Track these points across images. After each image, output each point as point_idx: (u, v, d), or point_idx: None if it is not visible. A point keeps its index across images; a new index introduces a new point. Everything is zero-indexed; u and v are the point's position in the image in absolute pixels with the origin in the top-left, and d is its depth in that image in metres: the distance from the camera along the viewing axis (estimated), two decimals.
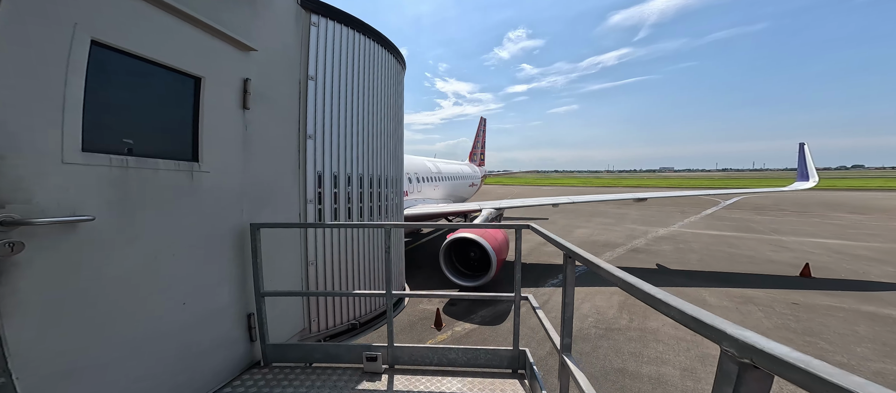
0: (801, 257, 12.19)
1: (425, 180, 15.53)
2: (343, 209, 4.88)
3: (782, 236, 16.02)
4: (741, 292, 8.88)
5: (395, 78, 6.26)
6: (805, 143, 12.06)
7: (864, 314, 7.30)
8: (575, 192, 48.51)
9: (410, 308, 8.60)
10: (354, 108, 5.01)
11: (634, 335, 6.77)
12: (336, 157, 4.70)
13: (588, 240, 16.21)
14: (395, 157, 6.40)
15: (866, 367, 5.31)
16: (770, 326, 6.91)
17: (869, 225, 18.75)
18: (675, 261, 12.24)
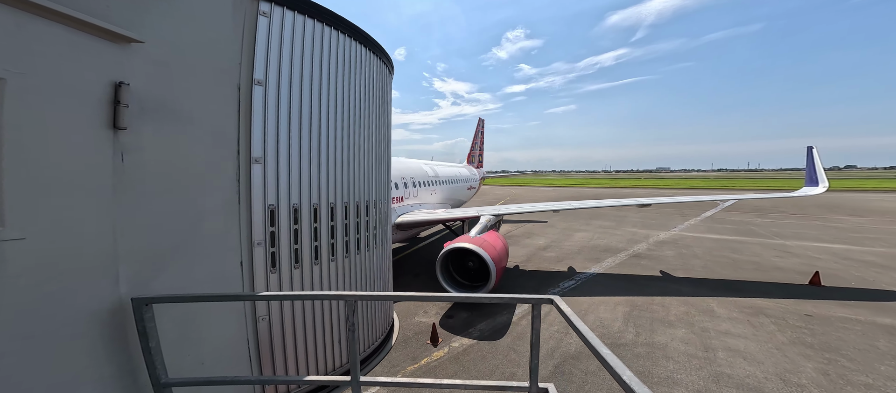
0: (808, 263, 11.84)
1: (421, 185, 15.08)
2: (307, 249, 3.83)
3: (785, 241, 15.70)
4: (750, 302, 8.50)
5: (380, 83, 5.36)
6: (813, 147, 11.62)
7: (882, 328, 6.93)
8: (573, 193, 48.26)
9: (405, 320, 8.14)
10: (324, 122, 3.98)
11: (642, 351, 6.35)
12: (297, 184, 3.71)
13: (588, 244, 15.82)
14: (379, 176, 5.51)
15: (892, 387, 4.92)
16: (784, 340, 6.51)
17: (870, 228, 18.50)
18: (680, 267, 11.86)
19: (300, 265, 3.85)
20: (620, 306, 8.55)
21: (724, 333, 6.93)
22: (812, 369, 5.50)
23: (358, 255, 4.72)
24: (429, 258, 13.73)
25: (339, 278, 4.36)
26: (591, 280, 10.81)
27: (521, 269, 12.36)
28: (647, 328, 7.27)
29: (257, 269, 3.37)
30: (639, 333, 7.05)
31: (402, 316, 8.39)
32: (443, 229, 18.88)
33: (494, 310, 8.53)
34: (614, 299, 9.04)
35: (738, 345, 6.40)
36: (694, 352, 6.22)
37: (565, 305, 2.35)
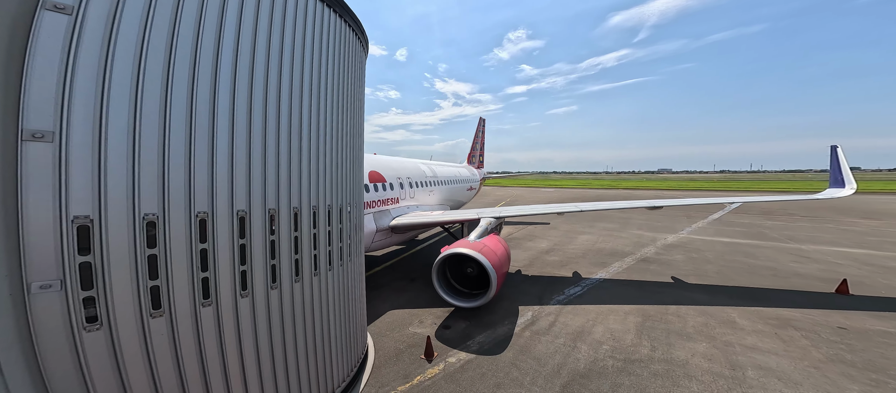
0: (830, 270, 11.01)
1: (419, 185, 14.36)
2: (186, 287, 2.65)
3: (801, 245, 14.84)
4: (775, 313, 7.72)
5: (349, 56, 4.30)
6: (838, 147, 10.71)
7: None
8: (575, 194, 47.29)
9: (397, 331, 7.46)
10: (244, 88, 2.95)
11: (660, 369, 5.62)
12: (171, 179, 2.50)
13: (593, 248, 15.06)
14: (347, 174, 4.37)
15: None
16: (820, 357, 5.75)
17: (887, 232, 17.56)
18: (692, 273, 11.07)
19: (170, 311, 2.57)
20: (631, 316, 7.81)
21: (751, 348, 6.17)
22: (858, 391, 4.75)
23: (298, 282, 3.43)
24: (426, 262, 13.05)
25: (275, 316, 3.14)
26: (597, 286, 10.07)
27: (523, 274, 11.64)
28: (664, 342, 6.54)
29: (48, 331, 2.06)
30: (654, 348, 6.32)
31: (395, 327, 7.71)
32: (442, 231, 18.18)
33: (495, 320, 7.83)
34: (624, 308, 8.31)
35: (769, 362, 5.65)
36: (719, 370, 5.48)
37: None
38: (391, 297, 9.57)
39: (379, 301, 9.22)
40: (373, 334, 7.33)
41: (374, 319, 8.07)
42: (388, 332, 7.44)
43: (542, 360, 6.11)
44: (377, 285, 10.66)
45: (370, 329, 7.59)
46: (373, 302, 9.18)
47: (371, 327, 7.68)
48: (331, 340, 4.14)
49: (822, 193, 10.51)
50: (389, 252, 15.21)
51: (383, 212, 10.99)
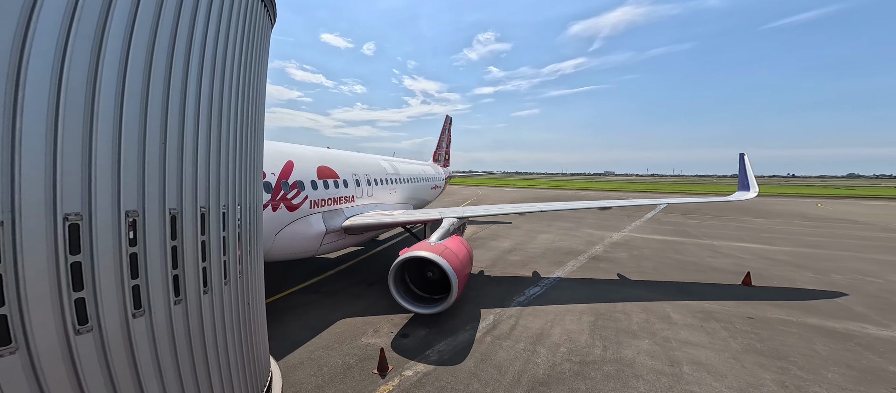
0: (737, 263, 12.68)
1: (379, 182, 13.32)
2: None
3: (714, 241, 17.05)
4: (700, 306, 8.53)
5: (245, 21, 3.72)
6: (745, 154, 12.33)
7: (814, 329, 7.20)
8: (535, 194, 49.64)
9: (348, 343, 6.74)
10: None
11: (611, 370, 5.75)
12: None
13: (551, 246, 15.64)
14: (239, 166, 3.78)
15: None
16: (738, 348, 6.39)
17: (774, 229, 21.10)
18: (634, 270, 11.96)
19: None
20: (585, 316, 8.05)
21: (685, 342, 6.66)
22: (771, 381, 5.29)
23: (179, 303, 2.85)
24: (387, 264, 12.31)
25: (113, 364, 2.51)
26: (555, 286, 10.33)
27: (486, 275, 11.54)
28: (614, 341, 6.77)
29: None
30: (606, 348, 6.50)
31: (345, 338, 6.97)
32: (404, 231, 17.44)
33: (456, 326, 7.50)
34: (579, 308, 8.56)
35: (700, 356, 6.11)
36: (661, 368, 5.77)
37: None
38: (345, 303, 8.77)
39: (330, 309, 8.40)
40: (319, 347, 6.57)
41: (321, 330, 7.26)
42: (337, 344, 6.69)
43: (502, 368, 5.91)
44: (330, 291, 9.73)
45: (316, 341, 6.82)
46: (323, 310, 8.34)
47: (318, 339, 6.89)
48: (220, 373, 3.45)
49: (732, 196, 11.85)
50: (346, 253, 14.13)
51: (335, 211, 9.96)
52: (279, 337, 6.98)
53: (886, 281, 10.45)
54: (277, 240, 8.16)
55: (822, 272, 11.47)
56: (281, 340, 6.85)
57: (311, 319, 7.86)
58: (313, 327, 7.42)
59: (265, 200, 7.67)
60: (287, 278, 10.93)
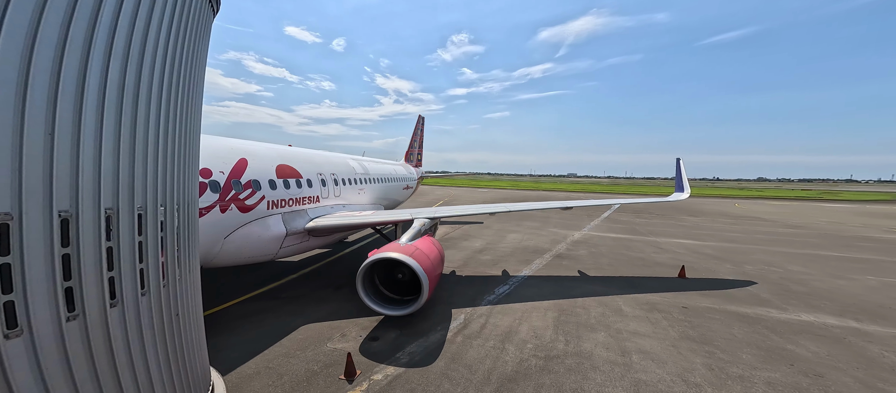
0: (674, 258, 14.38)
1: (347, 182, 12.74)
2: None
3: (657, 238, 19.15)
4: (646, 299, 9.53)
5: (191, 15, 3.52)
6: (681, 159, 14.09)
7: (732, 315, 8.43)
8: (506, 195, 51.37)
9: (312, 350, 6.43)
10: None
11: (572, 363, 6.17)
12: None
13: (520, 245, 16.32)
14: (182, 166, 3.59)
15: (756, 376, 5.72)
16: (676, 336, 7.24)
17: (703, 226, 24.30)
18: (593, 266, 12.96)
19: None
20: (550, 312, 8.53)
21: (634, 333, 7.38)
22: (700, 364, 6.08)
23: (79, 319, 2.56)
24: (355, 266, 11.90)
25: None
26: (523, 283, 10.81)
27: (458, 274, 11.70)
28: (575, 335, 7.27)
29: None
30: (568, 342, 6.96)
31: (309, 344, 6.65)
32: (374, 233, 16.97)
33: (428, 327, 7.51)
34: (544, 305, 9.05)
35: (646, 345, 6.81)
36: (614, 358, 6.33)
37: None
38: (308, 309, 8.35)
39: (291, 315, 7.96)
40: (278, 356, 6.19)
41: (281, 337, 6.84)
42: (299, 351, 6.36)
43: (473, 367, 6.04)
44: (291, 297, 9.20)
45: (275, 349, 6.42)
46: (283, 316, 7.87)
47: (277, 347, 6.49)
48: (152, 382, 3.26)
49: (670, 197, 13.44)
50: (311, 256, 13.41)
51: (297, 212, 9.40)
52: (229, 347, 6.43)
53: (786, 270, 12.58)
54: (228, 243, 7.46)
55: (738, 264, 13.47)
56: (231, 349, 6.32)
57: (268, 327, 7.34)
58: (271, 335, 6.95)
59: (212, 201, 6.98)
60: (240, 284, 10.05)
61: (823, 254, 15.49)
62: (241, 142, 9.34)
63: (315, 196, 10.45)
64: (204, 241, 6.87)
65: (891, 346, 6.81)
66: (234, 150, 8.34)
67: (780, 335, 7.30)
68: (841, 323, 7.96)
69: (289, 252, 9.36)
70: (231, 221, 7.50)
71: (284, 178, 9.32)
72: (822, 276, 11.91)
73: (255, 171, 8.33)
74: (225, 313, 8.17)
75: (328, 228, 9.74)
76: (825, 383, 5.47)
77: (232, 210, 7.49)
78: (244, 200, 7.83)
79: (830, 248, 16.95)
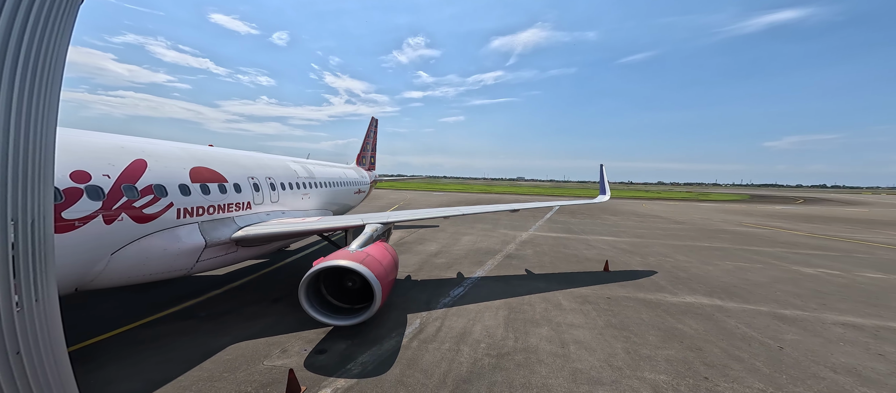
0: (600, 253, 16.58)
1: (287, 187, 11.51)
2: None
3: (587, 236, 21.85)
4: (579, 292, 10.74)
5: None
6: (603, 165, 16.55)
7: (641, 302, 10.04)
8: (460, 198, 52.73)
9: (245, 369, 5.66)
10: None
11: (520, 359, 6.56)
12: None
13: (473, 247, 16.87)
14: (32, 171, 2.98)
15: (659, 354, 6.89)
16: (602, 324, 8.30)
17: (619, 224, 28.64)
18: (537, 264, 14.09)
19: None
20: (501, 311, 8.97)
21: (570, 325, 8.22)
22: (621, 349, 7.07)
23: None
24: (298, 276, 10.82)
25: None
26: (477, 285, 11.17)
27: (413, 279, 11.54)
28: (522, 331, 7.76)
29: None
30: (517, 339, 7.39)
31: (241, 364, 5.89)
32: (321, 240, 15.68)
33: (382, 334, 7.23)
34: (496, 304, 9.48)
35: (580, 336, 7.65)
36: (556, 350, 6.94)
37: None
38: (237, 326, 7.40)
39: (212, 335, 6.96)
40: (198, 380, 5.35)
41: (202, 359, 5.92)
42: (227, 373, 5.56)
43: (428, 371, 5.98)
44: (213, 314, 8.08)
45: (195, 373, 5.52)
46: (201, 337, 6.85)
47: (196, 370, 5.60)
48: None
49: (596, 199, 15.61)
50: (242, 268, 11.81)
51: (220, 221, 8.24)
52: (124, 378, 5.33)
53: (675, 260, 15.54)
54: (117, 259, 6.14)
55: (644, 256, 16.18)
56: (127, 381, 5.26)
57: (183, 351, 6.25)
58: (187, 359, 5.92)
59: (91, 210, 5.67)
60: (141, 306, 8.38)
61: (698, 245, 19.62)
62: (139, 140, 7.75)
63: (245, 202, 9.19)
64: (81, 258, 5.59)
65: (741, 318, 8.93)
66: (127, 149, 6.91)
67: (673, 316, 8.96)
68: (710, 302, 10.15)
69: (209, 265, 8.08)
70: (121, 234, 6.16)
71: (202, 183, 8.02)
72: (698, 263, 15.05)
73: (158, 175, 6.99)
74: (120, 339, 6.60)
75: (261, 237, 8.66)
76: (704, 355, 6.88)
77: (122, 220, 6.14)
78: (141, 209, 6.45)
79: (702, 239, 21.57)
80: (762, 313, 9.28)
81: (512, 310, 9.06)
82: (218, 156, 9.37)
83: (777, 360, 6.74)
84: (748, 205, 57.32)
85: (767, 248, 19.17)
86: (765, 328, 8.30)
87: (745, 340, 7.58)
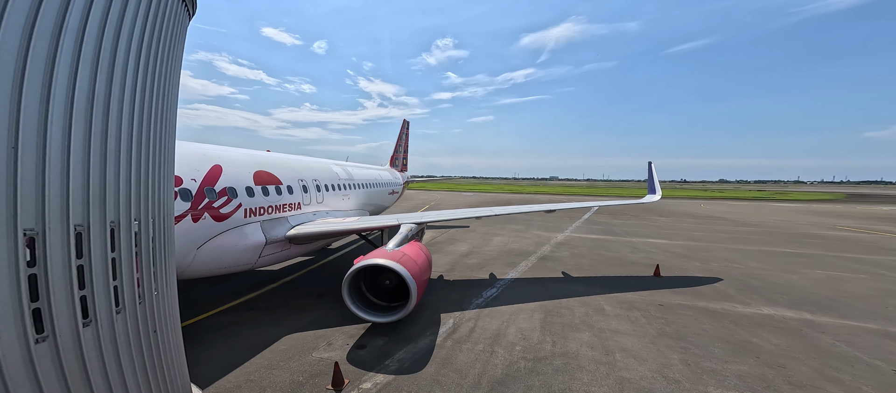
0: (648, 257, 14.98)
1: (330, 189, 12.30)
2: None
3: (632, 238, 19.92)
4: (625, 298, 9.79)
5: (166, 19, 3.29)
6: (652, 163, 14.81)
7: (701, 310, 8.82)
8: (490, 198, 51.88)
9: (296, 360, 6.09)
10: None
11: (560, 364, 6.18)
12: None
13: (505, 249, 16.41)
14: (157, 177, 3.38)
15: (728, 369, 5.97)
16: (654, 333, 7.46)
17: (671, 226, 25.62)
18: (574, 267, 13.21)
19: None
20: (536, 314, 8.56)
21: (615, 332, 7.52)
22: (678, 360, 6.27)
23: (49, 340, 2.37)
24: (339, 274, 11.43)
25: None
26: (509, 286, 10.82)
27: (445, 279, 11.55)
28: (560, 336, 7.31)
29: None
30: (555, 343, 6.98)
31: (293, 354, 6.30)
32: (359, 239, 16.49)
33: (416, 333, 7.31)
34: (530, 306, 9.07)
35: (627, 344, 6.96)
36: (599, 357, 6.40)
37: None
38: (289, 318, 7.96)
39: (271, 326, 7.56)
40: (260, 368, 5.85)
41: (262, 349, 6.46)
42: (282, 362, 6.01)
43: (463, 371, 5.90)
44: (270, 307, 8.75)
45: (256, 362, 6.06)
46: (262, 328, 7.45)
47: (257, 359, 6.13)
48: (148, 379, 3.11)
49: (644, 199, 14.03)
50: (291, 265, 12.84)
51: (277, 220, 8.99)
52: (205, 361, 5.99)
53: (746, 267, 13.41)
54: (202, 254, 6.99)
55: (704, 261, 14.22)
56: (207, 364, 5.89)
57: (247, 339, 6.90)
58: (251, 347, 6.53)
59: (183, 210, 6.55)
60: (214, 295, 9.41)
61: (776, 250, 16.69)
62: (215, 147, 8.85)
63: (296, 203, 10.03)
64: (177, 252, 6.47)
65: (840, 336, 7.35)
66: (207, 156, 7.88)
67: (745, 328, 7.70)
68: (796, 315, 8.52)
69: (268, 261, 8.90)
70: (204, 231, 7.03)
71: (263, 185, 8.88)
72: (777, 271, 12.78)
73: (230, 178, 7.89)
74: (199, 326, 7.57)
75: (310, 235, 9.34)
76: (787, 374, 5.80)
77: (205, 219, 7.03)
78: (219, 209, 7.37)
79: (781, 244, 18.32)
80: (869, 331, 7.54)
81: (548, 313, 8.59)
82: (273, 160, 10.35)
83: (891, 386, 5.37)
84: (844, 205, 47.46)
85: (872, 255, 15.65)
86: (872, 348, 6.73)
87: (846, 361, 6.21)
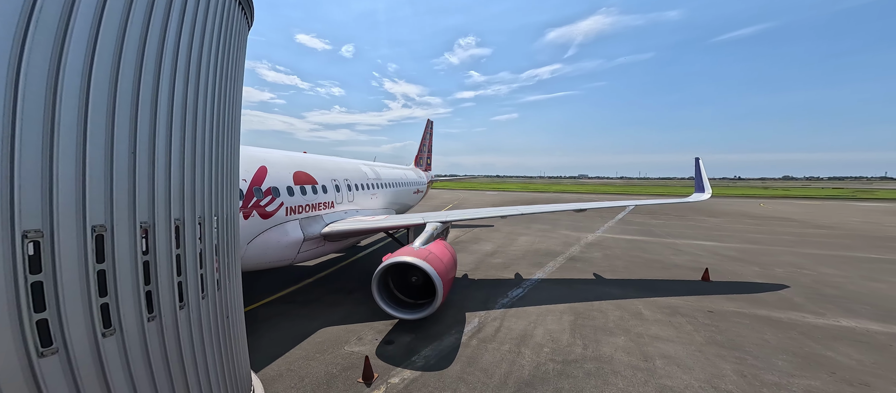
0: (694, 260, 13.58)
1: (360, 188, 12.88)
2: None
3: (675, 239, 18.19)
4: (667, 302, 8.99)
5: (223, 24, 3.45)
6: (700, 159, 13.29)
7: (762, 319, 7.80)
8: (515, 197, 50.62)
9: (330, 353, 6.43)
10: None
11: (592, 368, 5.87)
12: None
13: (531, 248, 15.92)
14: (220, 174, 3.55)
15: (794, 383, 5.22)
16: (702, 341, 6.76)
17: (723, 227, 22.93)
18: (607, 269, 12.42)
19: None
20: (565, 315, 8.20)
21: (655, 337, 6.95)
22: (731, 371, 5.62)
23: (116, 335, 2.51)
24: (368, 270, 11.93)
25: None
26: (536, 287, 10.48)
27: (469, 278, 11.51)
28: (592, 339, 6.93)
29: None
30: (586, 346, 6.63)
31: (327, 347, 6.65)
32: (386, 237, 17.05)
33: (442, 330, 7.37)
34: (559, 308, 8.71)
35: (669, 350, 6.39)
36: (636, 363, 5.96)
37: None
38: (323, 313, 8.38)
39: (308, 319, 8.01)
40: (298, 358, 6.25)
41: (300, 340, 6.90)
42: (318, 354, 6.37)
43: (489, 370, 5.85)
44: (306, 301, 9.28)
45: (296, 352, 6.48)
46: (300, 320, 7.93)
47: (297, 350, 6.56)
48: (201, 390, 3.30)
49: (690, 197, 12.66)
50: (325, 261, 13.59)
51: (313, 218, 9.56)
52: (253, 349, 6.55)
53: (819, 273, 11.59)
54: (250, 249, 7.68)
55: (766, 266, 12.53)
56: (255, 352, 6.42)
57: (287, 330, 7.41)
58: (291, 338, 7.01)
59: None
60: (256, 289, 10.21)
61: (856, 256, 14.21)
62: (260, 150, 9.65)
63: (330, 202, 10.64)
64: None
65: None
66: (255, 158, 8.60)
67: (817, 341, 6.67)
68: (884, 329, 7.18)
69: (305, 257, 9.52)
70: (253, 228, 7.71)
71: (301, 185, 9.54)
72: (858, 279, 10.88)
73: (274, 179, 8.57)
74: (250, 316, 8.38)
75: (343, 233, 9.85)
76: None
77: (254, 217, 7.70)
78: (265, 207, 8.05)
79: (863, 248, 15.55)
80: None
81: (578, 315, 8.19)
82: (309, 161, 11.09)
83: None
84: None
85: None
86: None
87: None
